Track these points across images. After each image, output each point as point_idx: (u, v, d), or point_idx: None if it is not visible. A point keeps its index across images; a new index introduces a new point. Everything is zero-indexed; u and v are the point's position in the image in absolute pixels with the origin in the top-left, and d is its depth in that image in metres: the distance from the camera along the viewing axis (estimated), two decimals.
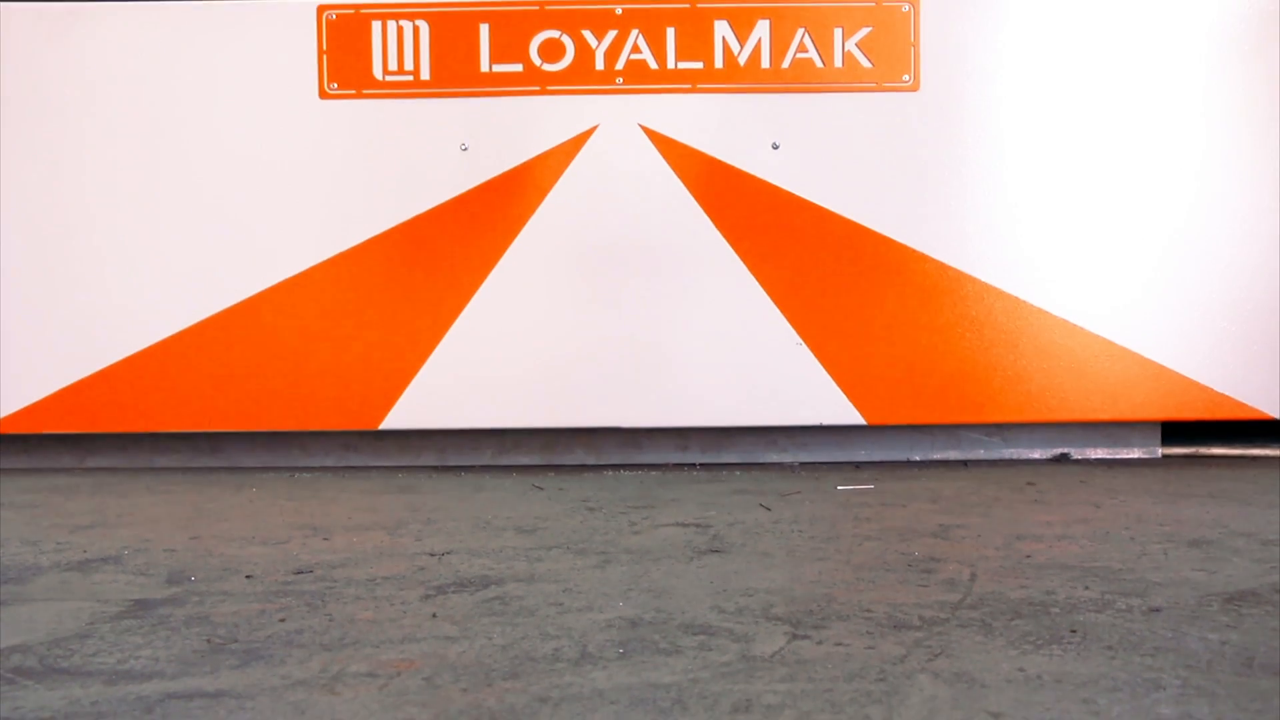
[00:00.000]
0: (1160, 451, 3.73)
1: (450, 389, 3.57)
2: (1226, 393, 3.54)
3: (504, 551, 2.48)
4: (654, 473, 3.56)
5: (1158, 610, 1.96)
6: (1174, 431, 3.81)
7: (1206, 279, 3.53)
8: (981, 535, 2.59)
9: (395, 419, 3.57)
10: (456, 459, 3.73)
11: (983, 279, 3.53)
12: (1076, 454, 3.72)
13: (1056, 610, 1.97)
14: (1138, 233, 3.53)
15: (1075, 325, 3.54)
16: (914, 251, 3.54)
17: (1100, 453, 3.72)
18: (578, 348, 3.57)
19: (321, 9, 3.53)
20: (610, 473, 3.57)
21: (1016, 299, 3.54)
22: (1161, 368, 3.54)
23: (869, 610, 1.98)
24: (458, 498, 3.16)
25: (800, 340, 3.54)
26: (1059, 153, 3.53)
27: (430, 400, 3.56)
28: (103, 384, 3.56)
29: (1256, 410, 3.54)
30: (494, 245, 3.55)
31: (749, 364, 3.56)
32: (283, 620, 1.97)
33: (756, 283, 3.54)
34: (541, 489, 3.28)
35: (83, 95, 3.54)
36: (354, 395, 3.57)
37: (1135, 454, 3.73)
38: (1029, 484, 3.27)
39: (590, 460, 3.72)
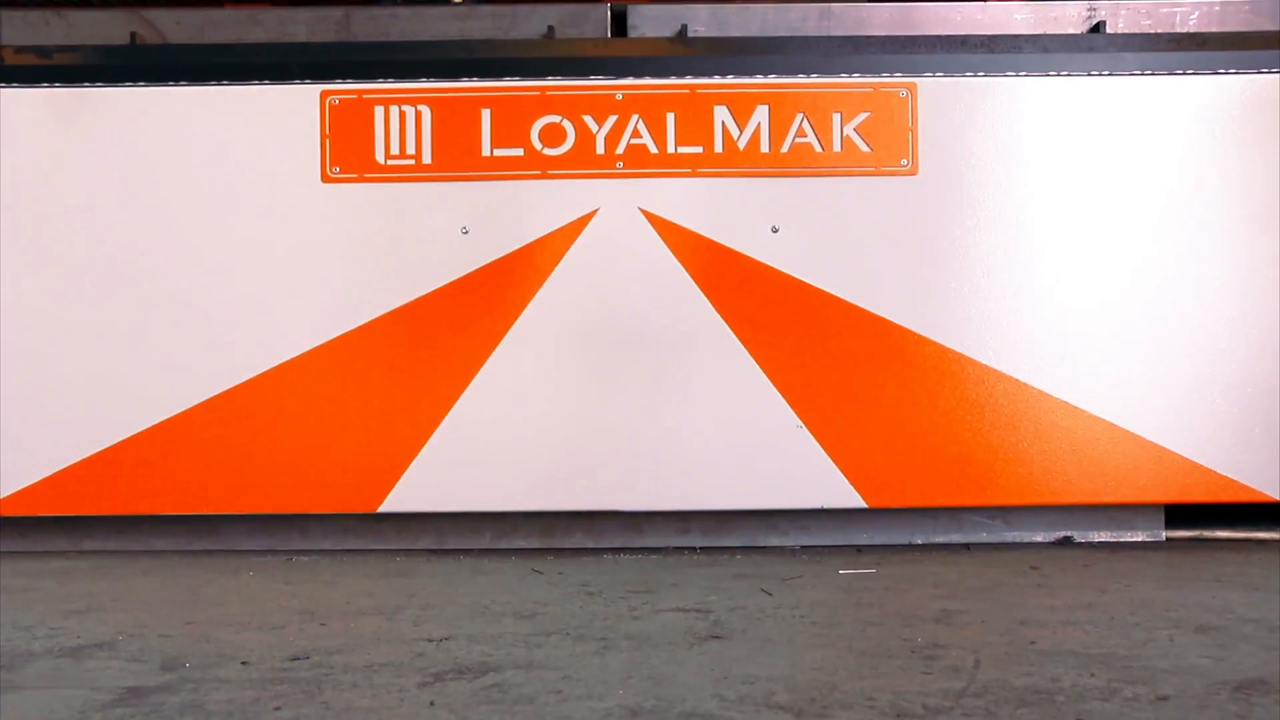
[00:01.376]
0: (1164, 534, 3.71)
1: (449, 472, 3.55)
2: (1229, 475, 3.52)
3: (503, 637, 2.45)
4: (654, 556, 3.53)
5: (1165, 699, 1.94)
6: (1177, 514, 3.78)
7: (1207, 361, 3.53)
8: (985, 621, 2.57)
9: (394, 502, 3.55)
10: (455, 542, 3.71)
11: (983, 361, 3.54)
12: (1080, 537, 3.69)
13: (1062, 699, 1.94)
14: (1137, 315, 3.54)
15: (1076, 407, 3.53)
16: (913, 334, 3.54)
17: (1103, 535, 3.70)
18: (577, 430, 3.56)
19: (325, 94, 3.57)
20: (610, 556, 3.54)
21: (1017, 381, 3.54)
22: (1164, 450, 3.53)
23: (872, 698, 1.95)
24: (456, 582, 3.14)
25: (800, 423, 3.54)
26: (1058, 235, 3.55)
27: (429, 483, 3.55)
28: (100, 466, 3.55)
29: (1260, 493, 3.52)
30: (494, 328, 3.55)
31: (749, 447, 3.55)
32: (278, 709, 1.94)
33: (756, 365, 3.54)
34: (541, 573, 3.26)
35: (83, 178, 3.57)
36: (353, 478, 3.55)
37: (1139, 537, 3.71)
38: (1032, 568, 3.25)
39: (590, 544, 3.69)
